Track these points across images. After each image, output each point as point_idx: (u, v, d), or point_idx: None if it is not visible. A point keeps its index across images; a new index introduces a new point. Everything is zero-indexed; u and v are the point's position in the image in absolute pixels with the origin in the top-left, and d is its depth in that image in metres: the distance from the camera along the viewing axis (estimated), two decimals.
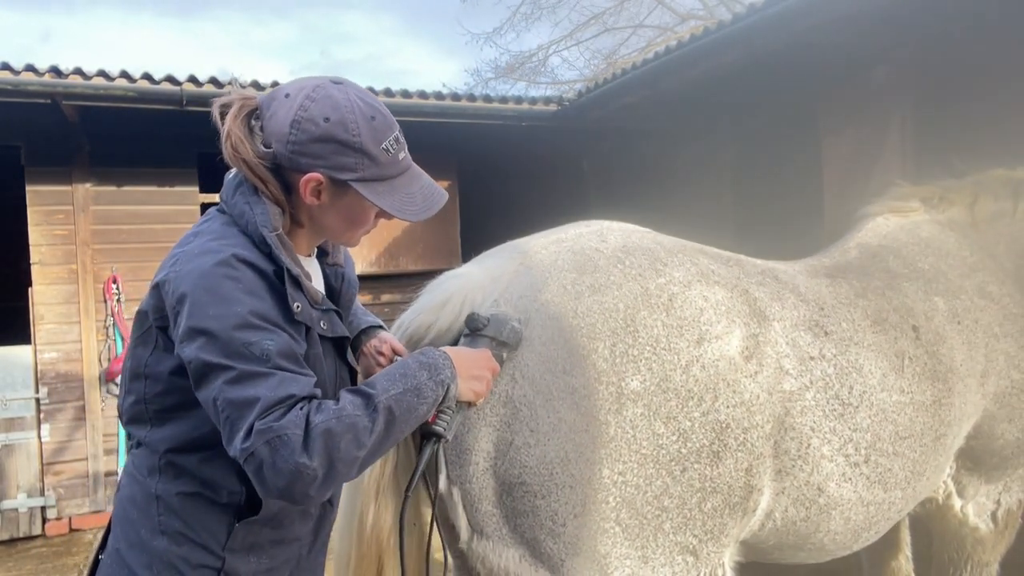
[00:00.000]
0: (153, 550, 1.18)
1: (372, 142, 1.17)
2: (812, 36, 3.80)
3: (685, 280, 1.51)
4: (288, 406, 1.06)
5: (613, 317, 1.40)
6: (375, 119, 1.18)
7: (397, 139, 1.21)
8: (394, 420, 1.13)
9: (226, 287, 1.09)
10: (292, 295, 1.15)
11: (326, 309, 1.26)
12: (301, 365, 1.12)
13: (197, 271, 1.11)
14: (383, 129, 1.19)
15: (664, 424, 1.38)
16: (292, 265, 1.16)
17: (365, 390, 1.14)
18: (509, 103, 5.89)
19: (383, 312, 6.08)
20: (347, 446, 1.07)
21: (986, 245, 2.20)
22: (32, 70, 4.44)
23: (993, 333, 1.99)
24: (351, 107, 1.16)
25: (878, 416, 1.68)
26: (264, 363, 1.07)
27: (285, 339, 1.11)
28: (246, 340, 1.07)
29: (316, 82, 1.19)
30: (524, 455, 1.35)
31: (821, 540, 1.68)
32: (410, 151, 1.27)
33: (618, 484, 1.36)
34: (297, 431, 1.04)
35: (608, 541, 1.37)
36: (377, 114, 1.19)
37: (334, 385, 1.29)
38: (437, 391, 1.19)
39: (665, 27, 13.63)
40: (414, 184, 1.24)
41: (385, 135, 1.19)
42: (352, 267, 1.48)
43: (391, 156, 1.20)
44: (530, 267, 1.48)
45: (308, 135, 1.15)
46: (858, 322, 1.76)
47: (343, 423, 1.07)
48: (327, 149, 1.16)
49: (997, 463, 2.08)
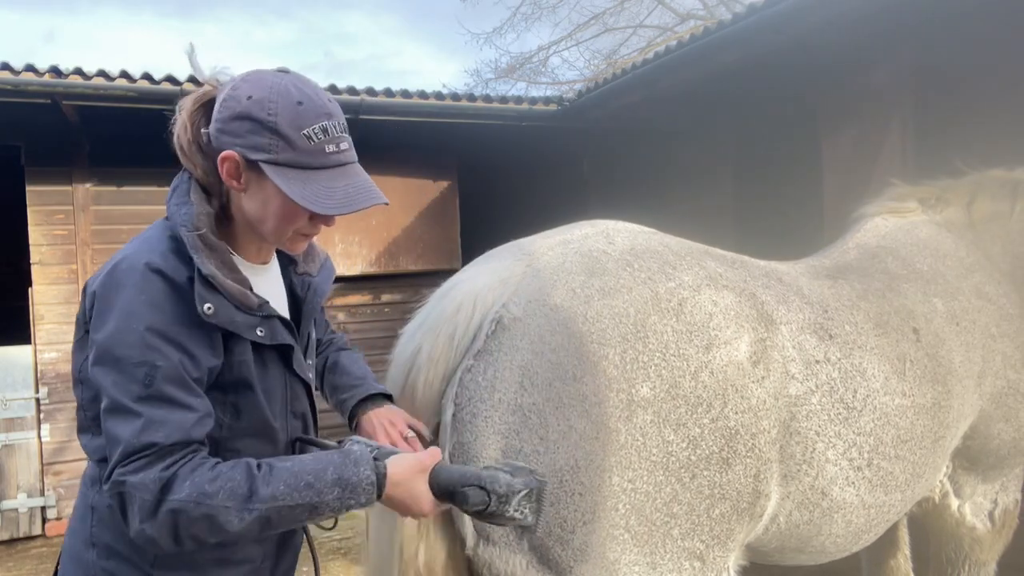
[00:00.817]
0: (85, 563, 1.17)
1: (290, 125, 1.11)
2: (812, 36, 3.80)
3: (694, 284, 1.50)
4: (149, 459, 1.02)
5: (624, 322, 1.39)
6: (303, 104, 1.12)
7: (326, 130, 1.14)
8: (270, 526, 1.07)
9: (127, 297, 1.08)
10: (202, 296, 1.10)
11: (266, 316, 1.20)
12: (190, 392, 1.08)
13: (108, 278, 1.11)
14: (309, 116, 1.12)
15: (674, 431, 1.38)
16: (207, 264, 1.11)
17: (252, 484, 1.05)
18: (509, 103, 5.89)
19: (383, 312, 6.09)
20: (199, 532, 1.02)
21: (983, 246, 2.21)
22: (32, 70, 4.44)
23: (990, 334, 2.00)
24: (278, 89, 1.13)
25: (881, 420, 1.69)
26: (144, 389, 1.04)
27: (176, 360, 1.07)
28: (133, 359, 1.05)
29: (260, 69, 1.18)
30: (533, 462, 1.34)
31: (823, 543, 1.69)
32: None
33: (628, 491, 1.35)
34: (147, 497, 1.00)
35: (617, 548, 1.36)
36: (308, 101, 1.13)
37: (284, 399, 1.25)
38: (338, 510, 1.10)
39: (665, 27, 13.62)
40: (340, 180, 1.16)
41: (309, 122, 1.12)
42: (327, 277, 1.44)
43: (313, 145, 1.12)
44: (538, 270, 1.47)
45: (230, 112, 1.13)
46: (861, 325, 1.76)
47: (201, 509, 1.01)
48: (244, 127, 1.12)
49: (994, 463, 2.08)
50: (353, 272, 5.93)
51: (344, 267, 5.87)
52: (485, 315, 1.41)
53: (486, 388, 1.37)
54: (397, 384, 1.47)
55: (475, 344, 1.40)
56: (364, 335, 6.00)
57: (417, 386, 1.42)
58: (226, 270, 1.15)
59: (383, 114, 5.30)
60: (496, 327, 1.40)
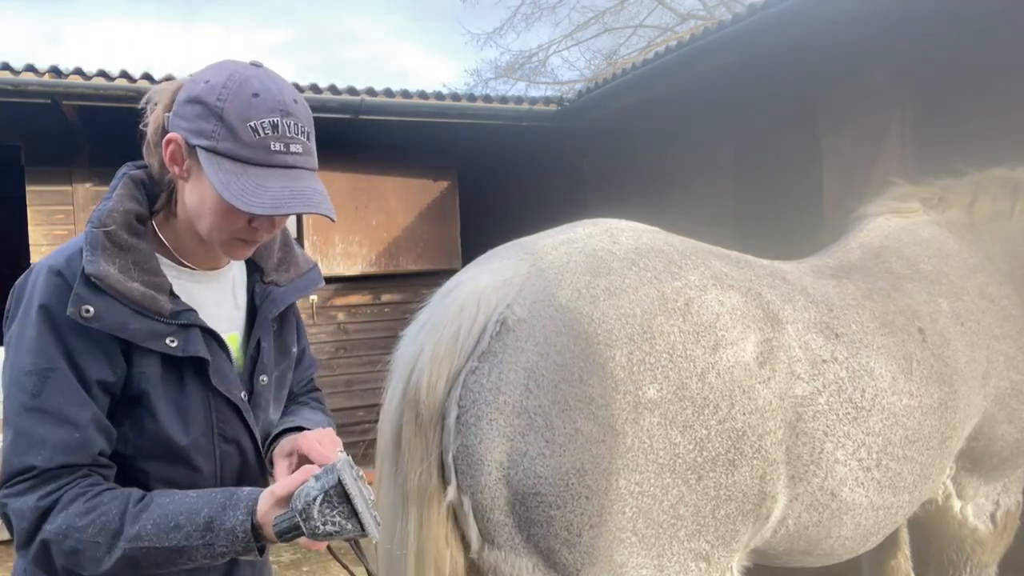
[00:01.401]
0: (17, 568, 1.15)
1: (237, 116, 1.05)
2: (812, 36, 3.80)
3: (701, 284, 1.49)
4: (31, 483, 1.00)
5: (630, 323, 1.38)
6: (259, 96, 1.06)
7: (276, 126, 1.06)
8: (138, 568, 1.01)
9: (27, 302, 1.06)
10: (81, 297, 1.02)
11: (185, 324, 1.11)
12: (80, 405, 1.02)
13: (21, 281, 1.09)
14: (261, 109, 1.05)
15: (681, 433, 1.37)
16: (98, 263, 1.04)
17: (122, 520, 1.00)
18: (509, 103, 5.89)
19: (383, 312, 6.09)
20: (71, 565, 1.00)
21: (984, 246, 2.21)
22: (32, 70, 4.44)
23: (993, 335, 2.00)
24: (238, 79, 1.07)
25: (889, 420, 1.68)
26: (31, 399, 1.01)
27: (67, 370, 1.02)
28: (24, 367, 1.02)
29: (234, 60, 1.14)
30: (539, 466, 1.33)
31: (831, 545, 1.68)
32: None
33: (635, 494, 1.34)
34: (23, 525, 0.99)
35: (624, 551, 1.35)
36: (267, 95, 1.06)
37: (208, 421, 1.15)
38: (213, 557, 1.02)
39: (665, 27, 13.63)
40: (277, 181, 1.07)
41: (259, 115, 1.05)
42: (300, 288, 1.35)
43: (258, 139, 1.05)
44: (542, 269, 1.45)
45: (185, 95, 1.09)
46: (866, 324, 1.75)
47: (69, 543, 0.98)
48: (193, 111, 1.07)
49: (997, 464, 2.08)
50: (353, 272, 5.92)
51: (344, 267, 5.87)
52: (489, 316, 1.39)
53: (491, 390, 1.35)
54: (399, 386, 1.46)
55: (479, 345, 1.38)
56: (364, 335, 6.00)
57: (420, 388, 1.40)
58: (137, 271, 1.08)
59: (383, 114, 5.29)
60: (500, 328, 1.38)
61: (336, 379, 5.94)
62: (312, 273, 1.39)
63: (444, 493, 1.37)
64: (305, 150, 1.10)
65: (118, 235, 1.08)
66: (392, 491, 1.42)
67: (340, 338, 5.96)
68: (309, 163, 1.12)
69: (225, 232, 1.13)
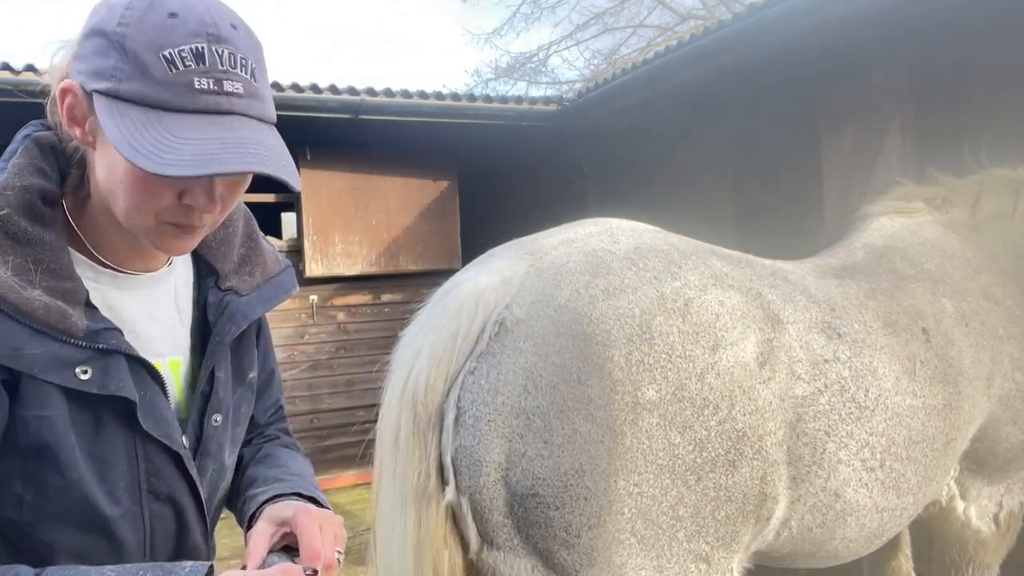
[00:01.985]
0: None
1: (147, 43, 0.75)
2: (812, 36, 3.79)
3: (700, 284, 1.48)
4: None
5: (629, 323, 1.37)
6: (177, 16, 0.76)
7: (201, 56, 0.75)
8: None
9: None
10: None
11: (103, 349, 0.82)
12: None
13: None
14: (180, 33, 0.75)
15: (680, 434, 1.36)
16: None
17: None
18: (509, 103, 5.89)
19: (383, 312, 6.09)
20: None
21: (988, 246, 2.20)
22: (32, 70, 4.43)
23: (998, 336, 1.99)
24: None
25: (893, 420, 1.67)
26: None
27: None
28: None
29: None
30: (537, 467, 1.32)
31: (836, 547, 1.67)
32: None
33: (634, 495, 1.33)
34: None
35: (623, 552, 1.34)
36: (189, 13, 0.76)
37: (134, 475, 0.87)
38: None
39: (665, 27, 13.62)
40: (205, 131, 0.76)
41: (178, 40, 0.75)
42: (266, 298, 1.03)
43: (175, 74, 0.75)
44: (541, 269, 1.45)
45: (85, 28, 0.80)
46: (869, 324, 1.74)
47: None
48: (92, 45, 0.78)
49: (1000, 465, 2.08)
50: (353, 272, 5.92)
51: (344, 267, 5.87)
52: (488, 316, 1.39)
53: (489, 391, 1.35)
54: (397, 386, 1.46)
55: (478, 346, 1.38)
56: (364, 335, 5.99)
57: (418, 388, 1.39)
58: (39, 273, 0.79)
59: (383, 114, 5.29)
60: (499, 329, 1.38)
61: (336, 379, 5.94)
62: (284, 276, 1.07)
63: (443, 494, 1.37)
64: (248, 90, 0.79)
65: (14, 222, 0.80)
66: (391, 491, 1.42)
67: (340, 338, 5.96)
68: (255, 109, 0.80)
69: (148, 214, 0.82)
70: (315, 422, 5.86)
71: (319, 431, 5.89)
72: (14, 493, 0.82)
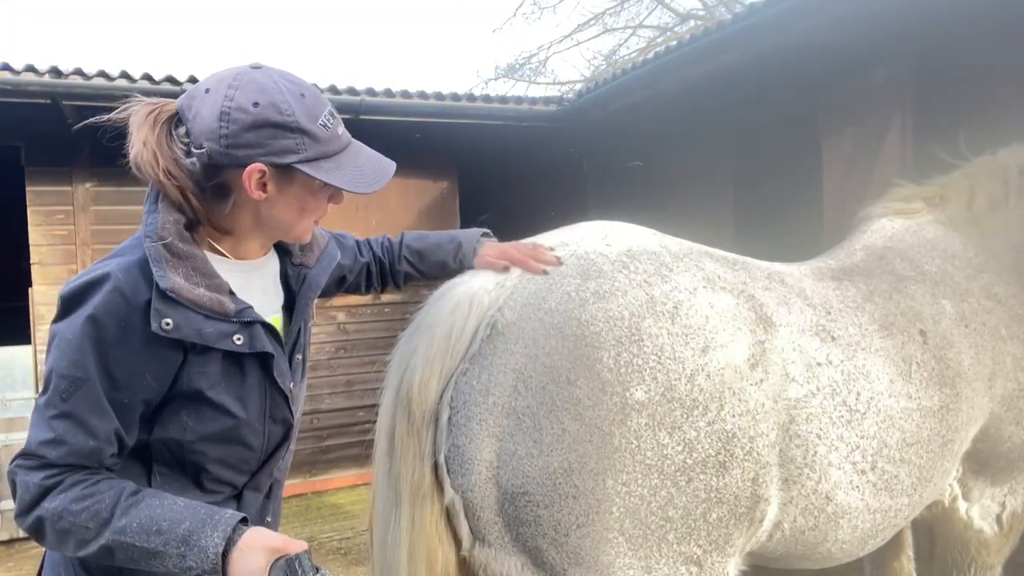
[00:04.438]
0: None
1: (308, 119, 1.12)
2: (812, 36, 3.79)
3: (691, 286, 1.49)
4: (37, 465, 1.06)
5: (618, 325, 1.38)
6: (305, 96, 1.13)
7: (332, 114, 1.16)
8: (113, 558, 1.06)
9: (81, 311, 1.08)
10: (160, 312, 1.08)
11: (247, 321, 1.17)
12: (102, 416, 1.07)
13: (75, 289, 1.11)
14: (316, 105, 1.13)
15: (669, 434, 1.36)
16: (169, 277, 1.09)
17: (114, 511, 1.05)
18: (509, 103, 5.88)
19: (383, 312, 6.09)
20: (60, 542, 1.06)
21: (987, 243, 2.19)
22: (32, 70, 4.44)
23: (1000, 336, 1.98)
24: (278, 88, 1.11)
25: (885, 423, 1.67)
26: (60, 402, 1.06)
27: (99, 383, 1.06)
28: (62, 371, 1.06)
29: (236, 71, 1.13)
30: (527, 465, 1.33)
31: (828, 549, 1.67)
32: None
33: (622, 495, 1.34)
34: (26, 497, 1.05)
35: (611, 551, 1.35)
36: (306, 91, 1.14)
37: (262, 407, 1.24)
38: (183, 569, 1.04)
39: (665, 27, 13.62)
40: (360, 157, 1.19)
41: (319, 110, 1.13)
42: (326, 267, 1.41)
43: (330, 132, 1.14)
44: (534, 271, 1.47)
45: (240, 124, 1.09)
46: (865, 327, 1.74)
47: (61, 524, 1.04)
48: (263, 135, 1.10)
49: (1003, 466, 2.07)
50: None
51: None
52: (481, 318, 1.41)
53: (480, 391, 1.36)
54: (393, 386, 1.46)
55: (471, 347, 1.40)
56: (364, 335, 5.99)
57: (412, 388, 1.41)
58: (198, 277, 1.13)
59: (383, 114, 5.29)
60: (491, 331, 1.40)
61: (336, 379, 5.94)
62: (330, 247, 1.44)
63: (436, 492, 1.38)
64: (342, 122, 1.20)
65: (175, 246, 1.12)
66: (386, 490, 1.44)
67: (340, 338, 5.96)
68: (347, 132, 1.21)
69: (311, 220, 1.23)
70: (315, 422, 5.86)
71: (319, 431, 5.89)
72: (181, 421, 1.16)
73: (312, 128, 1.12)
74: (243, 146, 1.10)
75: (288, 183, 1.15)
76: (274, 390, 1.25)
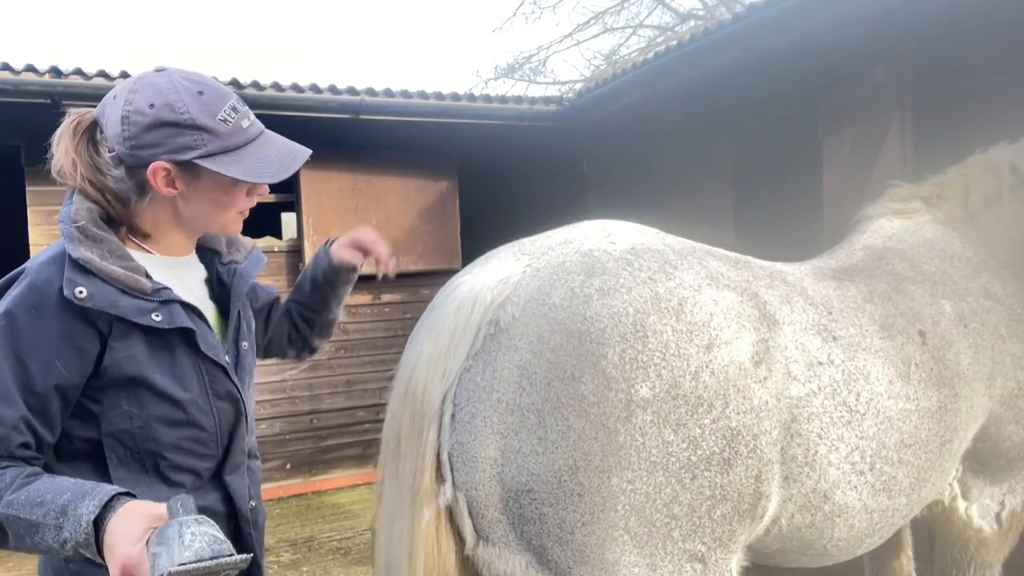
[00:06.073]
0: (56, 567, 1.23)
1: (205, 116, 1.17)
2: (812, 36, 3.79)
3: (695, 284, 1.49)
4: None
5: (623, 322, 1.38)
6: (203, 94, 1.18)
7: (235, 108, 1.20)
8: (4, 533, 1.06)
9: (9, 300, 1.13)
10: (73, 280, 1.11)
11: (165, 300, 1.20)
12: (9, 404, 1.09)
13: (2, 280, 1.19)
14: (214, 101, 1.18)
15: (674, 431, 1.36)
16: (80, 250, 1.13)
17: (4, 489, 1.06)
18: (509, 103, 5.89)
19: (383, 312, 6.09)
20: None
21: (986, 240, 2.20)
22: (32, 70, 4.44)
23: (999, 335, 1.98)
24: (174, 88, 1.17)
25: (884, 424, 1.67)
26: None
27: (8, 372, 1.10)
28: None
29: (138, 76, 1.20)
30: (532, 463, 1.33)
31: (824, 546, 1.67)
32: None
33: (627, 492, 1.34)
34: None
35: (617, 549, 1.35)
36: (205, 88, 1.18)
37: (202, 385, 1.25)
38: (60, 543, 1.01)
39: (665, 27, 13.63)
40: (267, 148, 1.24)
41: (218, 106, 1.18)
42: (255, 263, 1.46)
43: (231, 126, 1.19)
44: (537, 269, 1.47)
45: (139, 126, 1.16)
46: (865, 327, 1.74)
47: None
48: (162, 134, 1.16)
49: (1003, 465, 2.07)
50: None
51: None
52: (484, 315, 1.41)
53: (484, 388, 1.36)
54: (400, 385, 1.47)
55: (474, 344, 1.40)
56: (364, 335, 5.99)
57: (416, 386, 1.41)
58: (113, 258, 1.17)
59: (383, 114, 5.29)
60: (494, 328, 1.40)
61: (336, 379, 5.94)
62: (256, 252, 1.51)
63: (440, 490, 1.38)
64: (253, 116, 1.25)
65: (88, 229, 1.16)
66: (392, 488, 1.44)
67: (340, 338, 5.95)
68: (261, 124, 1.26)
69: (233, 211, 1.27)
70: (315, 422, 5.86)
71: (319, 431, 5.89)
72: (123, 410, 1.17)
73: (210, 124, 1.17)
74: (145, 146, 1.16)
75: (195, 178, 1.21)
76: (208, 364, 1.26)
